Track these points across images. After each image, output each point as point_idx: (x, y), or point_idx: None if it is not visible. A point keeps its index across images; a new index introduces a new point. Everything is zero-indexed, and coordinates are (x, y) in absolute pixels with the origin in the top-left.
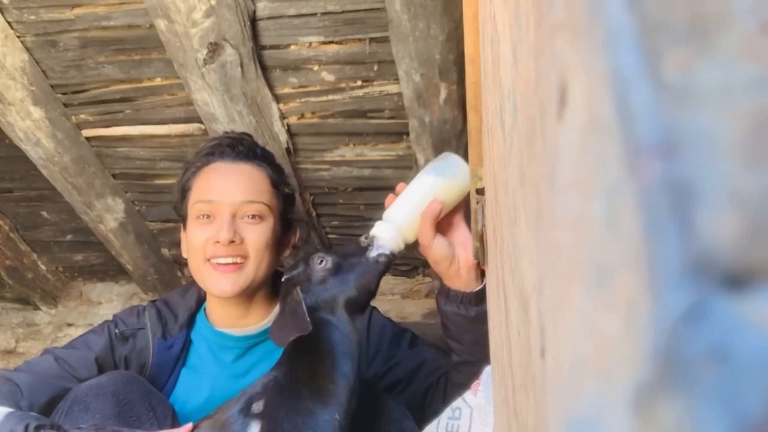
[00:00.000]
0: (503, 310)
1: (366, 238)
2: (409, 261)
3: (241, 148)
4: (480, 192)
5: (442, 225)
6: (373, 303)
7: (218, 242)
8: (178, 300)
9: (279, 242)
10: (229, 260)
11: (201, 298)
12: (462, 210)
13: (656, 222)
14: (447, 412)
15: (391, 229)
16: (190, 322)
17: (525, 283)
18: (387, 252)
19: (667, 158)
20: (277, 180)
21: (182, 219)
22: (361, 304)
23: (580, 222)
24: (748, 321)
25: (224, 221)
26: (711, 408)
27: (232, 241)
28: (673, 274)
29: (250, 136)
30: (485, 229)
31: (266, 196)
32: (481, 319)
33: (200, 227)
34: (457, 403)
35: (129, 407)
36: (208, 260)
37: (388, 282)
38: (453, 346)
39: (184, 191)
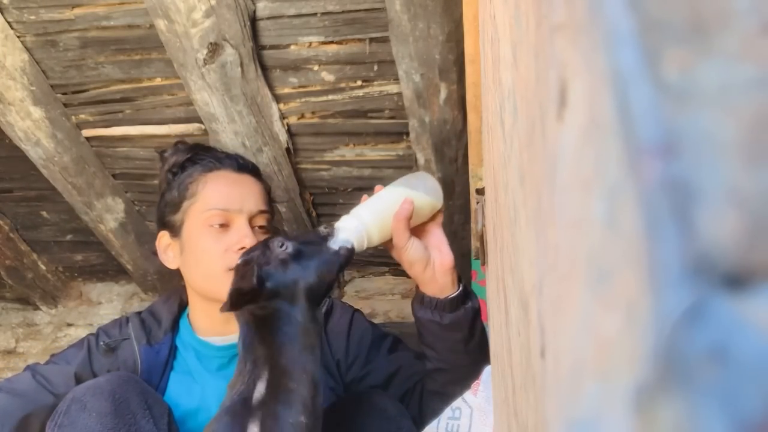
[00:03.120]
0: (503, 310)
1: (325, 228)
2: None
3: (241, 161)
4: (480, 192)
5: (416, 231)
6: (372, 303)
7: (244, 248)
8: (161, 307)
9: None
10: None
11: (183, 303)
12: (438, 219)
13: (656, 222)
14: (447, 412)
15: (357, 225)
16: (174, 327)
17: (525, 283)
18: (349, 246)
19: (667, 158)
20: (269, 196)
21: (168, 226)
22: (320, 294)
23: (580, 222)
24: (748, 321)
25: (245, 228)
26: (711, 408)
27: None
28: (673, 274)
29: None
30: (485, 229)
31: (268, 207)
32: (455, 326)
33: (215, 235)
34: (457, 403)
35: (125, 406)
36: (231, 270)
37: (388, 282)
38: (427, 353)
39: (181, 198)
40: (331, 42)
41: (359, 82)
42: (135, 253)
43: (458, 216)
